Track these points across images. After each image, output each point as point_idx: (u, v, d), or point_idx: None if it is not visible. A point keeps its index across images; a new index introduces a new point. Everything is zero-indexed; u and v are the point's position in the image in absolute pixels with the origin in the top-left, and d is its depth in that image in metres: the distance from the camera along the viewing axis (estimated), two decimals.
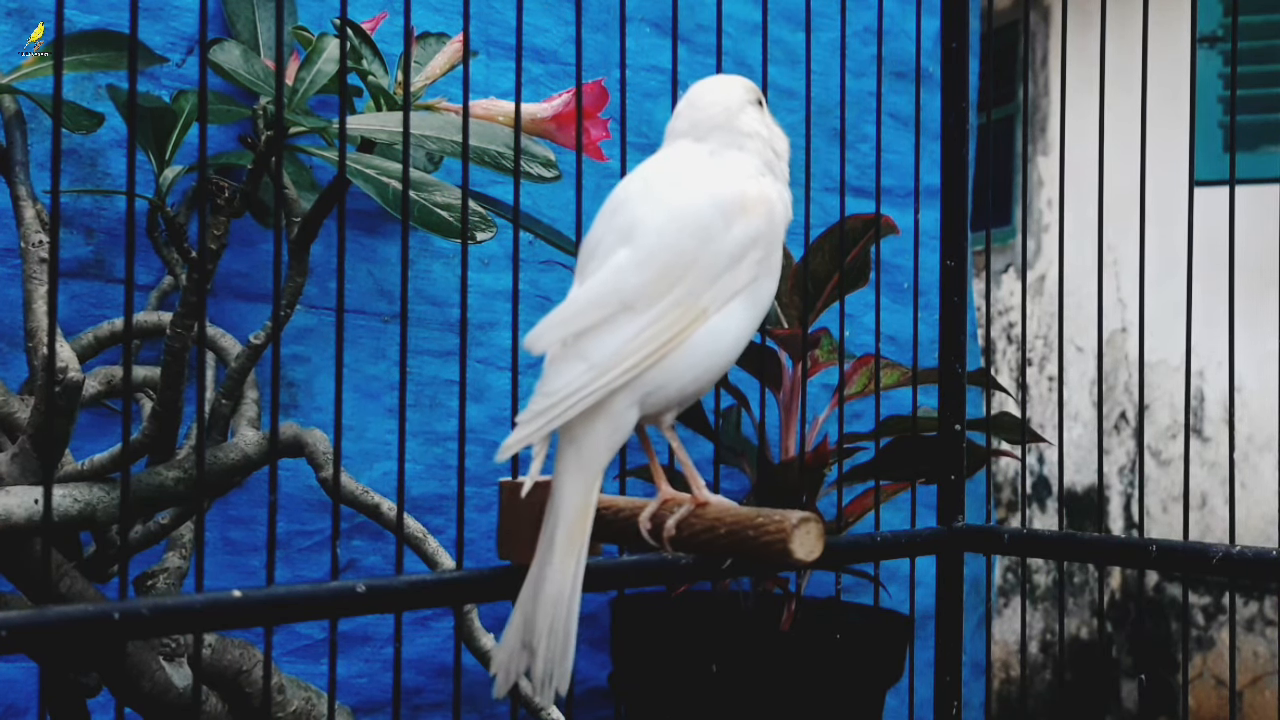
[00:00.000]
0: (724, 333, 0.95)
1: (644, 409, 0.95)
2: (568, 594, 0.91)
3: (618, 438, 0.94)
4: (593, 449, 0.94)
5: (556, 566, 0.91)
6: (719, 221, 0.96)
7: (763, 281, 0.98)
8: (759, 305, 0.98)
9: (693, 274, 0.94)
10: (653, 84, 2.17)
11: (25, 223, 1.36)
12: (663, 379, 0.93)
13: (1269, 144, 3.43)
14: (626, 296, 0.93)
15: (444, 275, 1.95)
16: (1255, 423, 3.77)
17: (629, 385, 0.93)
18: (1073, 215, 1.64)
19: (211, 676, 1.39)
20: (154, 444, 1.33)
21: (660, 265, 0.94)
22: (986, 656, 1.55)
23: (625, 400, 0.93)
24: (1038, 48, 4.63)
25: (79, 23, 1.62)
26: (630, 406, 0.94)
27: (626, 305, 0.93)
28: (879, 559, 1.55)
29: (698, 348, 0.94)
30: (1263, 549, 1.26)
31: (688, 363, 0.94)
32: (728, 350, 0.96)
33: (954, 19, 1.58)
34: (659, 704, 1.87)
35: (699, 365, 0.94)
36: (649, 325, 0.92)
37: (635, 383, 0.93)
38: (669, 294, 0.93)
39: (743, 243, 0.96)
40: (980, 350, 2.59)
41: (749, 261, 0.96)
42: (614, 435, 0.94)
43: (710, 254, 0.95)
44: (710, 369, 0.95)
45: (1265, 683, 3.83)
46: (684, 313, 0.93)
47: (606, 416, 0.93)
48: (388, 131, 1.30)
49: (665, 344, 0.92)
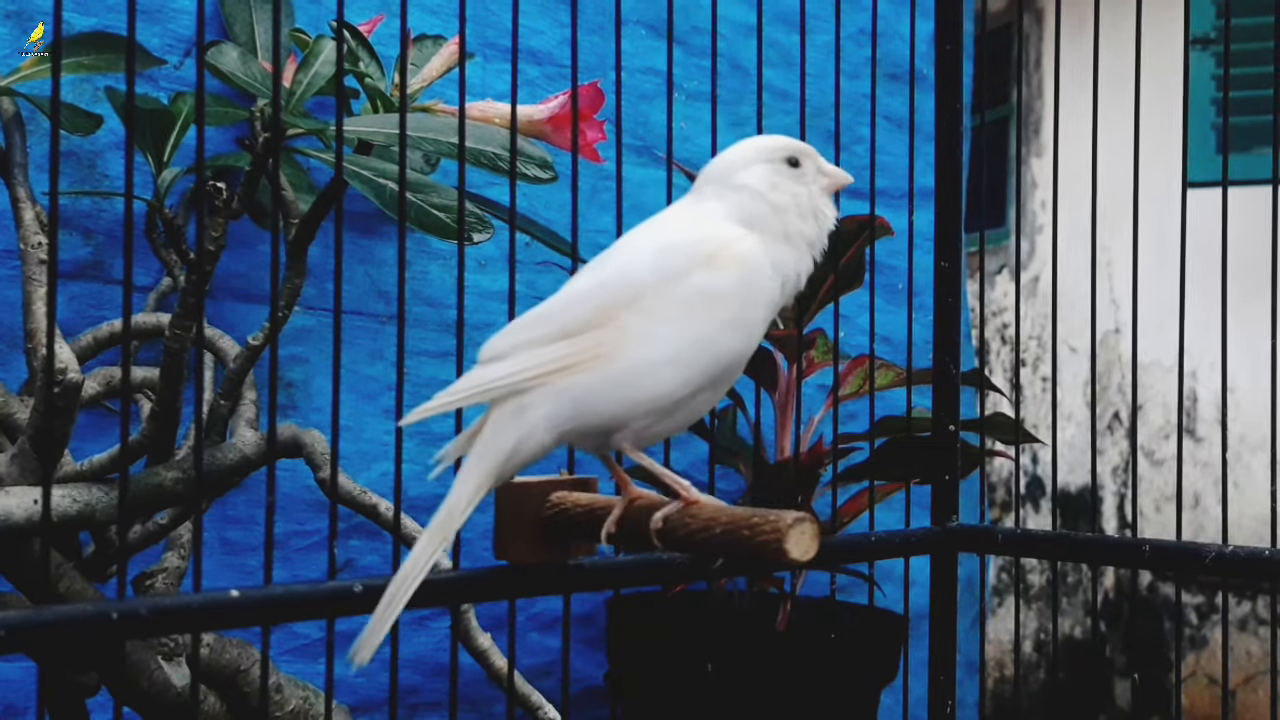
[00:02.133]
0: (644, 373, 0.94)
1: (560, 430, 0.96)
2: (411, 576, 0.93)
3: (523, 451, 0.96)
4: (496, 452, 0.96)
5: (415, 550, 0.94)
6: (674, 269, 0.96)
7: (720, 337, 0.96)
8: (705, 359, 0.96)
9: (630, 313, 0.95)
10: (648, 86, 2.17)
11: (24, 224, 1.36)
12: (578, 400, 0.95)
13: (1261, 145, 3.44)
14: (567, 324, 0.96)
15: (441, 276, 1.95)
16: (1248, 423, 3.78)
17: (544, 400, 0.95)
18: (1066, 216, 1.65)
19: (210, 676, 1.40)
20: (153, 444, 1.34)
21: (603, 298, 0.96)
22: (980, 656, 1.56)
23: (539, 414, 0.95)
24: (1031, 50, 4.64)
25: (77, 25, 1.62)
26: (544, 421, 0.95)
27: (566, 333, 0.96)
28: (874, 559, 1.56)
29: (615, 380, 0.94)
30: (1255, 549, 1.27)
31: (602, 391, 0.95)
32: (650, 391, 0.95)
33: (948, 21, 1.59)
34: (655, 703, 1.88)
35: (613, 396, 0.95)
36: (570, 346, 0.95)
37: (550, 399, 0.95)
38: (603, 326, 0.95)
39: (696, 295, 0.95)
40: (974, 351, 2.60)
41: (700, 315, 0.95)
42: (520, 447, 0.96)
43: (655, 298, 0.95)
44: (629, 405, 0.95)
45: (1258, 682, 3.84)
46: (607, 343, 0.95)
47: (518, 426, 0.96)
48: (385, 133, 1.31)
49: (578, 364, 0.95)
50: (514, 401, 0.96)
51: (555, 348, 0.95)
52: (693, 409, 0.99)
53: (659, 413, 0.96)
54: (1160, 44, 1.88)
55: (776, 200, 1.01)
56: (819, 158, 1.06)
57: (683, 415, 0.98)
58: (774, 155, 1.03)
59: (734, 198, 1.01)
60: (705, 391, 0.98)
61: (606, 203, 2.09)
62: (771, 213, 1.01)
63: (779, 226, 1.01)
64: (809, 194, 1.03)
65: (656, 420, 0.97)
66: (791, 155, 1.03)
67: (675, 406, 0.96)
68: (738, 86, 2.26)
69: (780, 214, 1.01)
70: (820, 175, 1.04)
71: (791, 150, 1.04)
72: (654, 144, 2.16)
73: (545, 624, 2.04)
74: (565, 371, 0.95)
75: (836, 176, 1.05)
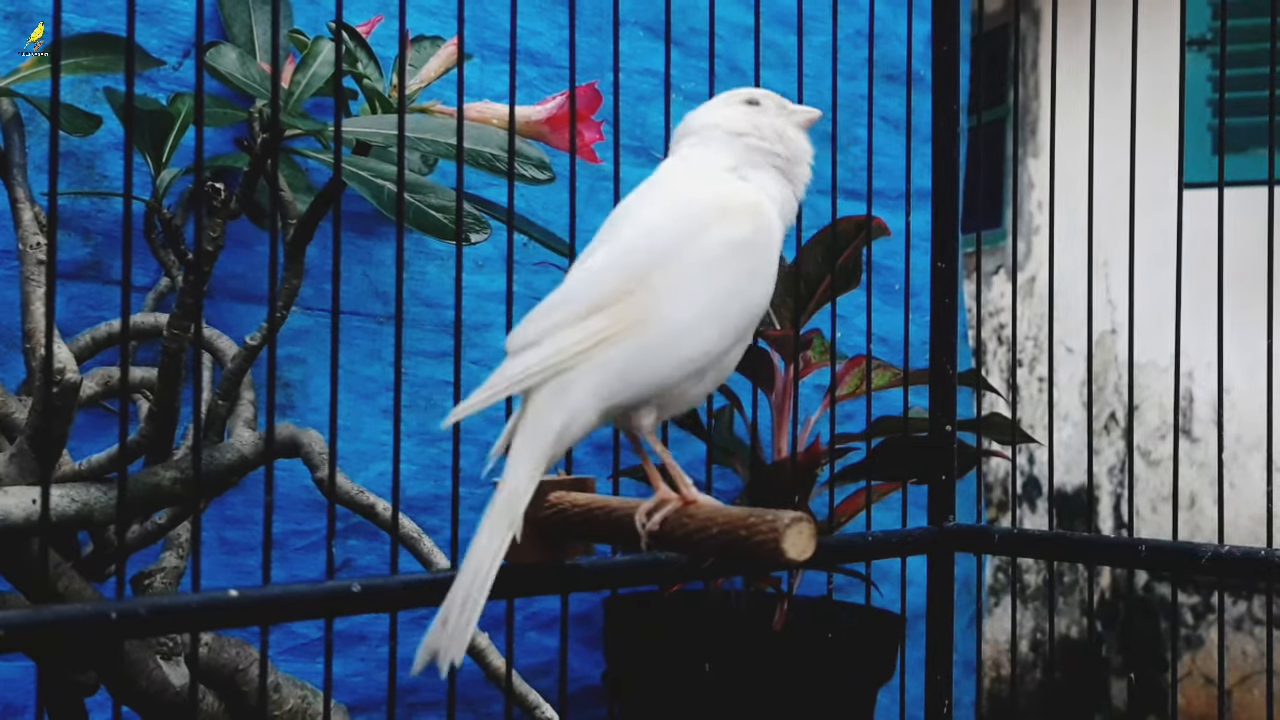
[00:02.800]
0: (686, 332, 0.95)
1: (608, 404, 0.95)
2: (485, 568, 0.92)
3: (573, 430, 0.95)
4: (543, 436, 0.95)
5: (481, 541, 0.93)
6: (691, 225, 0.97)
7: (749, 285, 0.98)
8: (736, 309, 0.97)
9: (658, 275, 0.95)
10: (646, 87, 2.18)
11: (23, 225, 1.37)
12: (624, 369, 0.94)
13: (1257, 146, 3.44)
14: (596, 298, 0.96)
15: (439, 277, 1.96)
16: (1244, 423, 3.79)
17: (587, 376, 0.94)
18: (1063, 217, 1.65)
19: (208, 675, 1.40)
20: (151, 444, 1.34)
21: (628, 266, 0.96)
22: (977, 655, 1.56)
23: (584, 390, 0.95)
24: (1028, 50, 4.65)
25: (76, 26, 1.62)
26: (590, 398, 0.95)
27: (598, 306, 0.96)
28: (870, 559, 1.56)
29: (657, 343, 0.94)
30: (1251, 549, 1.27)
31: (645, 356, 0.94)
32: (692, 349, 0.95)
33: (945, 22, 1.59)
34: (652, 703, 1.88)
35: (657, 360, 0.95)
36: (606, 318, 0.95)
37: (593, 373, 0.94)
38: (633, 293, 0.95)
39: (719, 247, 0.96)
40: (971, 351, 2.60)
41: (727, 267, 0.96)
42: (569, 425, 0.95)
43: (679, 257, 0.96)
44: (673, 365, 0.95)
45: (1254, 681, 3.84)
46: (641, 308, 0.95)
47: (565, 406, 0.95)
48: (383, 134, 1.31)
49: (618, 333, 0.94)
50: (556, 382, 0.95)
51: (591, 322, 0.95)
52: (724, 367, 1.00)
53: (699, 372, 0.97)
54: (1156, 45, 1.89)
55: (742, 128, 1.05)
56: (780, 99, 1.09)
57: (714, 375, 0.99)
58: (731, 99, 1.08)
59: (713, 141, 1.05)
60: (736, 346, 0.99)
61: (604, 203, 2.09)
62: (744, 145, 1.04)
63: (758, 157, 1.04)
64: (771, 124, 1.06)
65: (694, 382, 0.97)
66: (749, 98, 1.08)
67: (711, 364, 0.97)
68: (735, 87, 2.27)
69: (748, 140, 1.04)
70: (782, 110, 1.08)
71: (748, 94, 1.08)
72: (651, 145, 2.16)
73: (543, 624, 2.04)
74: (605, 344, 0.94)
75: (800, 111, 1.09)
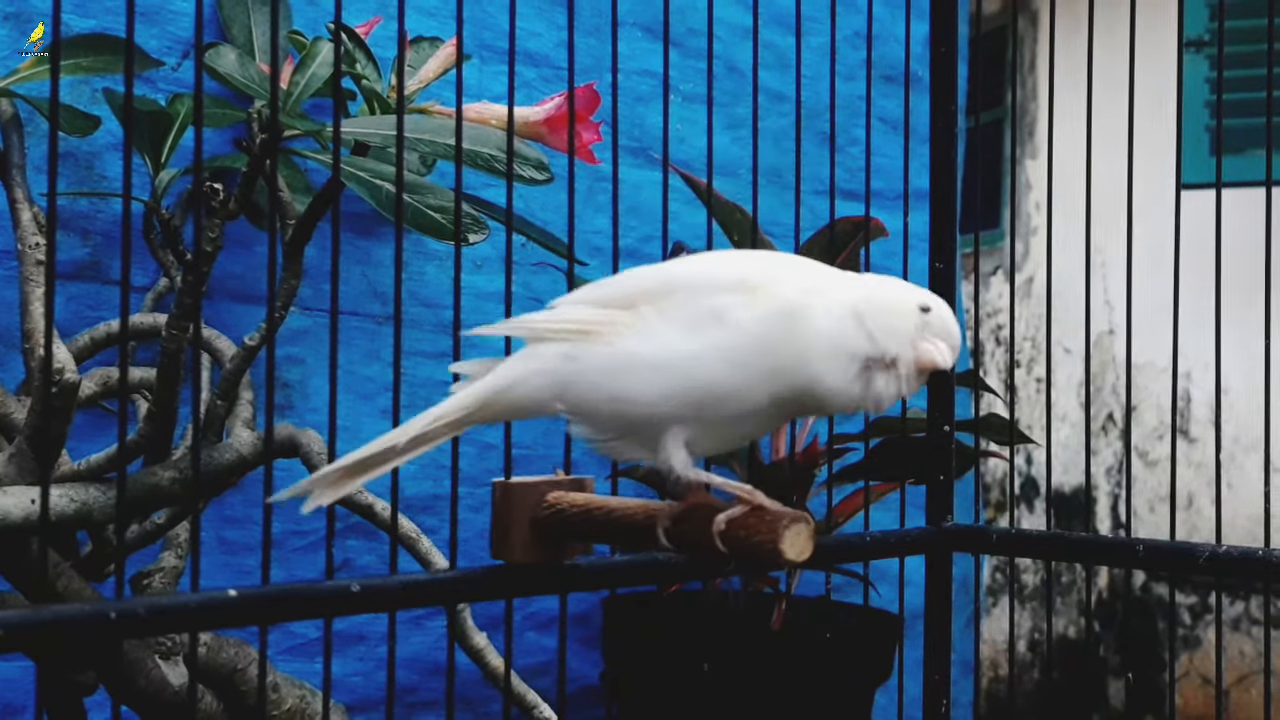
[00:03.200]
0: (627, 368, 0.92)
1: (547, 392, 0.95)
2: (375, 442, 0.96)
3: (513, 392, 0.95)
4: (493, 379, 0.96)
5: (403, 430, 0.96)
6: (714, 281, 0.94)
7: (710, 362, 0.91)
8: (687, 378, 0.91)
9: (651, 305, 0.94)
10: (644, 88, 2.18)
11: (22, 225, 1.37)
12: (568, 372, 0.94)
13: (1254, 147, 3.45)
14: (604, 296, 0.97)
15: (437, 277, 1.96)
16: (1241, 424, 3.79)
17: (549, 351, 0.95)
18: (1061, 218, 1.66)
19: (207, 675, 1.40)
20: (150, 444, 1.34)
21: (641, 284, 0.97)
22: (975, 655, 1.56)
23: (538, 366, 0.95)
24: (1026, 52, 4.65)
25: (76, 27, 1.63)
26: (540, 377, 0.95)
27: (601, 303, 0.96)
28: (868, 559, 1.57)
29: (603, 364, 0.93)
30: (1249, 549, 1.27)
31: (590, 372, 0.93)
32: (625, 389, 0.92)
33: (943, 23, 1.60)
34: (651, 702, 1.89)
35: (594, 381, 0.93)
36: (593, 316, 0.95)
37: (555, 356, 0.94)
38: (626, 309, 0.95)
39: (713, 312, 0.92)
40: (969, 352, 2.61)
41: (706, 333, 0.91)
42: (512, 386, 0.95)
43: (679, 300, 0.93)
44: (605, 393, 0.92)
45: (1251, 681, 3.85)
46: (618, 325, 0.94)
47: (521, 366, 0.96)
48: (382, 135, 1.31)
49: (591, 334, 0.94)
50: (533, 345, 0.97)
51: (582, 310, 0.96)
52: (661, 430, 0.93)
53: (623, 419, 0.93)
54: (1154, 46, 1.89)
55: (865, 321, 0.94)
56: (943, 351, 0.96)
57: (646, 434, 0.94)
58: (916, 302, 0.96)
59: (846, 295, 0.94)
60: (689, 419, 0.92)
61: (602, 204, 2.10)
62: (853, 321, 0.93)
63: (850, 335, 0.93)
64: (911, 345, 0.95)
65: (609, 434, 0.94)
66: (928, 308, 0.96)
67: (645, 419, 0.92)
68: (733, 88, 2.27)
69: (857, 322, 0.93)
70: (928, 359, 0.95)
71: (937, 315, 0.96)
72: (650, 145, 2.17)
73: (541, 623, 2.05)
74: (580, 337, 0.94)
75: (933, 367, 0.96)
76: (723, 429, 0.95)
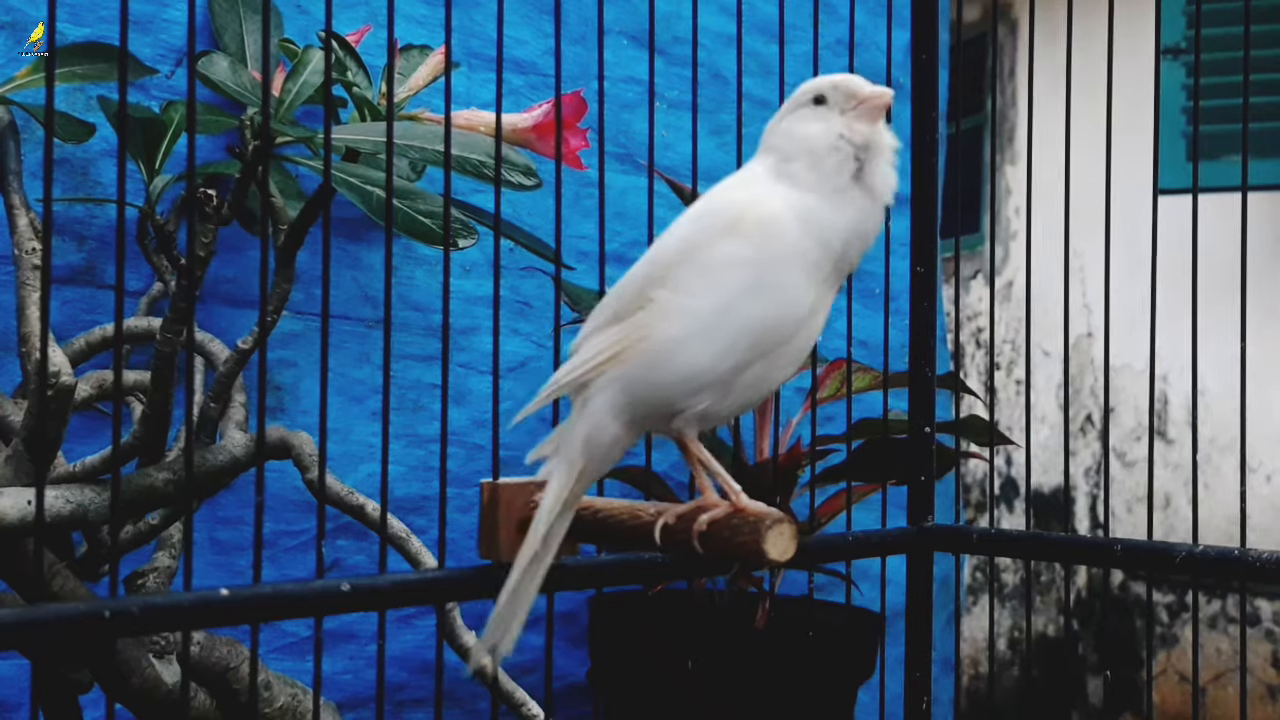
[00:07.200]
0: (678, 350, 0.94)
1: (623, 418, 0.97)
2: (515, 577, 0.99)
3: (597, 443, 0.98)
4: (571, 446, 0.99)
5: (523, 548, 0.98)
6: (699, 239, 0.97)
7: (742, 304, 0.94)
8: (733, 328, 0.94)
9: (661, 289, 0.96)
10: (630, 95, 2.20)
11: (18, 230, 1.38)
12: (627, 386, 0.96)
13: (1230, 153, 3.49)
14: (618, 308, 0.98)
15: (427, 281, 1.97)
16: (1217, 425, 3.82)
17: (601, 390, 0.97)
18: (1040, 223, 1.68)
19: (200, 673, 1.41)
20: (144, 446, 1.35)
21: (642, 278, 0.98)
22: (955, 653, 1.58)
23: (599, 404, 0.97)
24: (1006, 59, 4.68)
25: (70, 35, 1.63)
26: (605, 413, 0.97)
27: (617, 316, 0.98)
28: (851, 558, 1.59)
29: (652, 360, 0.95)
30: (1225, 549, 1.29)
31: (644, 374, 0.95)
32: (682, 369, 0.94)
33: (924, 31, 1.61)
34: (636, 700, 1.90)
35: (655, 378, 0.95)
36: (620, 331, 0.97)
37: (606, 387, 0.97)
38: (643, 306, 0.97)
39: (722, 262, 0.94)
40: (949, 355, 2.63)
41: (723, 284, 0.94)
42: (592, 438, 0.98)
43: (682, 271, 0.96)
44: (670, 384, 0.95)
45: (1228, 679, 3.88)
46: (647, 323, 0.96)
47: (586, 419, 0.98)
48: (372, 141, 1.33)
49: (627, 347, 0.96)
50: (582, 394, 0.98)
51: (609, 333, 0.97)
52: (749, 384, 0.96)
53: (709, 389, 0.95)
54: (1132, 54, 1.92)
55: (789, 148, 0.97)
56: (854, 83, 0.97)
57: (741, 392, 0.96)
58: (801, 99, 0.98)
59: (770, 154, 0.98)
60: (755, 364, 0.95)
61: (589, 209, 2.12)
62: (789, 162, 0.97)
63: (803, 176, 0.96)
64: (825, 129, 0.96)
65: (715, 399, 0.95)
66: (816, 93, 0.97)
67: (721, 382, 0.94)
68: (718, 95, 2.29)
69: (793, 161, 0.96)
70: (849, 100, 0.97)
71: (816, 89, 0.98)
72: (636, 151, 2.18)
73: (529, 622, 2.06)
74: (615, 359, 0.96)
75: (866, 97, 0.97)
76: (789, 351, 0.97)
